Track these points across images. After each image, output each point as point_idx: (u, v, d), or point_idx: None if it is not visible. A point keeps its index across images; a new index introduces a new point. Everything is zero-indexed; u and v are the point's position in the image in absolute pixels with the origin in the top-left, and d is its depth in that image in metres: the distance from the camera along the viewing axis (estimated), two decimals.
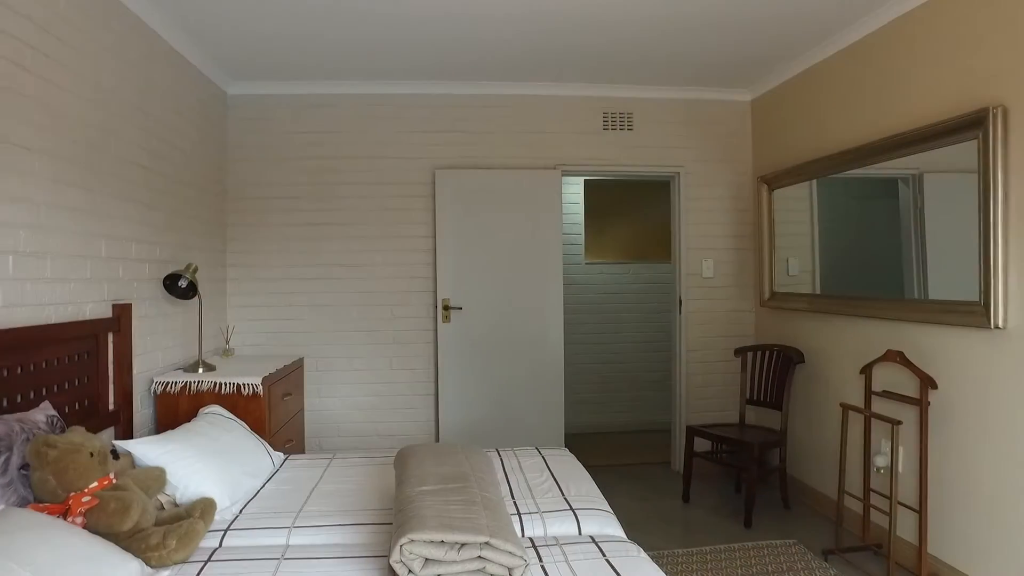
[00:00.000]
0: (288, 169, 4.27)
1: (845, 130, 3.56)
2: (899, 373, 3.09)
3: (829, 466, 3.68)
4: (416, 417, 4.36)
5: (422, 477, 2.05)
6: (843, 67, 3.58)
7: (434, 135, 4.36)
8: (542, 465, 2.67)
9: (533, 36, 3.51)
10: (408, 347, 4.35)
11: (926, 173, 3.00)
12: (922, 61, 3.00)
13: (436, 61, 3.89)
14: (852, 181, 3.54)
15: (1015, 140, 2.52)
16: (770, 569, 3.03)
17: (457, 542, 1.62)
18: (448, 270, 4.31)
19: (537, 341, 4.38)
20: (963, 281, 2.74)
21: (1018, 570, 2.52)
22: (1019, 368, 2.52)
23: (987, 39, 2.65)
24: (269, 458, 2.72)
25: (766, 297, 4.33)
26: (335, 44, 3.58)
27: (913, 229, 3.09)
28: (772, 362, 4.03)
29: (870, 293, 3.36)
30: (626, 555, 1.87)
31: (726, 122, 4.57)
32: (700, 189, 4.54)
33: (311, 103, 4.28)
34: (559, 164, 4.43)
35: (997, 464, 2.62)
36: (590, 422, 5.75)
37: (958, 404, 2.81)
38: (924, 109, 2.98)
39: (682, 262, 4.53)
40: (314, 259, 4.29)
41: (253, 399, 3.10)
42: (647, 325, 5.82)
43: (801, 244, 4.03)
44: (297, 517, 2.18)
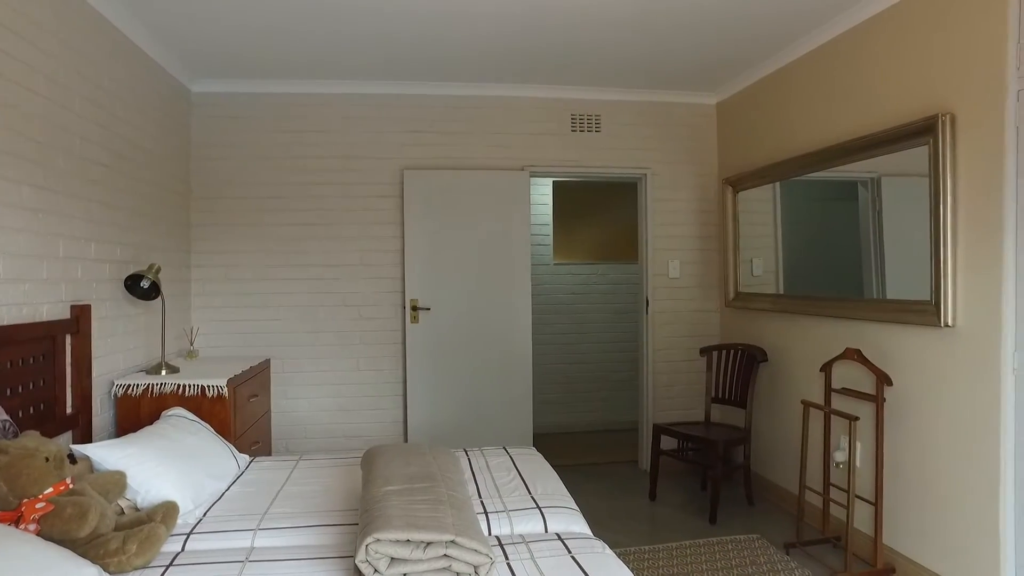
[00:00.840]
0: (255, 168, 4.22)
1: (807, 134, 3.64)
2: (857, 371, 3.18)
3: (791, 462, 3.77)
4: (384, 418, 4.34)
5: (388, 477, 2.05)
6: (805, 72, 3.67)
7: (403, 135, 4.35)
8: (509, 464, 2.69)
9: (502, 37, 3.53)
10: (376, 348, 4.33)
11: (884, 176, 3.09)
12: (879, 68, 3.10)
13: (406, 61, 3.89)
14: (814, 183, 3.63)
15: (963, 146, 2.62)
16: (733, 563, 3.09)
17: (423, 541, 1.63)
18: (416, 271, 4.30)
19: (505, 341, 4.39)
20: (917, 281, 2.84)
21: (967, 558, 2.62)
22: (967, 365, 2.62)
23: (937, 50, 2.75)
24: (234, 460, 2.69)
25: (731, 297, 4.41)
26: (302, 43, 3.56)
27: (871, 231, 3.19)
28: (736, 361, 4.11)
29: (831, 293, 3.45)
30: (591, 552, 1.90)
31: (692, 125, 4.65)
32: (666, 191, 4.61)
33: (279, 102, 4.24)
34: (527, 165, 4.46)
35: (947, 457, 2.72)
36: (558, 422, 5.79)
37: (912, 400, 2.90)
38: (881, 114, 3.07)
39: (649, 263, 4.59)
40: (281, 260, 4.25)
41: (218, 401, 3.06)
42: (614, 325, 5.88)
43: (765, 245, 4.12)
44: (262, 519, 2.16)
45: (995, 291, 2.50)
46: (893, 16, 3.00)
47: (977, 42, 2.56)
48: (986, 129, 2.52)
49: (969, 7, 2.60)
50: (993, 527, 2.51)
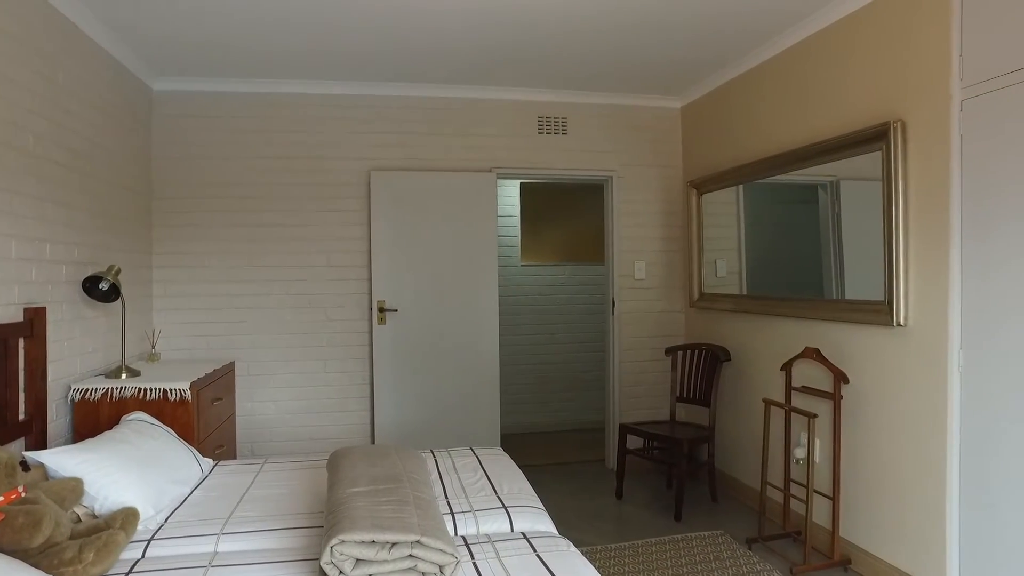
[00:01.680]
0: (218, 169, 4.16)
1: (768, 137, 3.73)
2: (816, 369, 3.27)
3: (753, 459, 3.85)
4: (351, 420, 4.32)
5: (354, 479, 2.04)
6: (765, 78, 3.75)
7: (370, 136, 4.33)
8: (476, 465, 2.70)
9: (470, 39, 3.54)
10: (343, 349, 4.30)
11: (842, 180, 3.18)
12: (835, 76, 3.19)
13: (373, 62, 3.87)
14: (776, 186, 3.71)
15: (913, 153, 2.72)
16: (698, 560, 3.14)
17: (388, 541, 1.63)
18: (384, 272, 4.28)
19: (473, 342, 4.40)
20: (872, 282, 2.93)
21: (916, 548, 2.71)
22: (918, 363, 2.72)
23: (889, 59, 2.85)
24: (197, 464, 2.65)
25: (695, 298, 4.49)
26: (266, 43, 3.52)
27: (831, 233, 3.28)
28: (700, 361, 4.18)
29: (792, 293, 3.54)
30: (556, 550, 1.92)
31: (657, 128, 4.72)
32: (632, 193, 4.67)
33: (243, 101, 4.18)
34: (495, 167, 4.47)
35: (899, 451, 2.81)
36: (526, 422, 5.82)
37: (867, 397, 2.99)
38: (838, 120, 3.16)
39: (615, 264, 4.64)
40: (246, 261, 4.19)
41: (181, 405, 3.01)
42: (581, 326, 5.94)
43: (728, 247, 4.20)
44: (226, 523, 2.13)
45: (943, 292, 2.60)
46: (848, 26, 3.09)
47: (925, 53, 2.66)
48: (934, 137, 2.62)
49: (917, 21, 2.69)
50: (940, 517, 2.60)
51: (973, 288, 2.49)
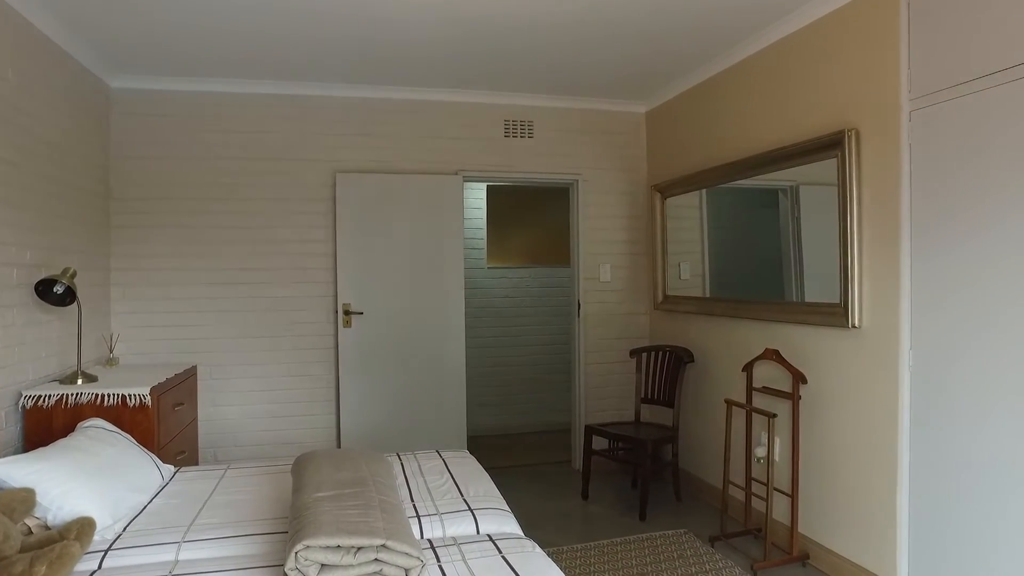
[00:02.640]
0: (180, 169, 4.08)
1: (731, 143, 3.81)
2: (776, 370, 3.35)
3: (716, 458, 3.93)
4: (316, 424, 4.28)
5: (319, 483, 2.03)
6: (728, 85, 3.84)
7: (336, 138, 4.30)
8: (442, 468, 2.70)
9: (437, 43, 3.54)
10: (308, 353, 4.26)
11: (802, 185, 3.27)
12: (795, 84, 3.28)
13: (340, 63, 3.85)
14: (738, 191, 3.80)
15: (866, 160, 2.81)
16: (662, 558, 3.20)
17: (353, 546, 1.63)
18: (349, 275, 4.26)
19: (439, 345, 4.40)
20: (829, 285, 3.02)
21: (869, 541, 2.80)
22: (871, 363, 2.81)
23: (844, 70, 2.94)
24: (157, 471, 2.60)
25: (659, 300, 4.56)
26: (230, 42, 3.47)
27: (791, 237, 3.36)
28: (664, 362, 4.25)
29: (754, 296, 3.62)
30: (521, 551, 1.94)
31: (622, 132, 4.78)
32: (598, 196, 4.72)
33: (205, 100, 4.11)
34: (461, 170, 4.48)
35: (854, 448, 2.90)
36: (493, 424, 5.83)
37: (824, 397, 3.08)
38: (797, 127, 3.25)
39: (580, 266, 4.69)
40: (209, 263, 4.12)
41: (140, 410, 2.95)
42: (548, 328, 5.97)
43: (692, 250, 4.28)
44: (187, 531, 2.10)
45: (894, 295, 2.69)
46: (806, 37, 3.18)
47: (877, 66, 2.76)
48: (885, 145, 2.72)
49: (870, 35, 2.79)
50: (891, 511, 2.70)
51: (921, 290, 2.58)
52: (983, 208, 2.33)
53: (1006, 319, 2.25)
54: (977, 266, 2.36)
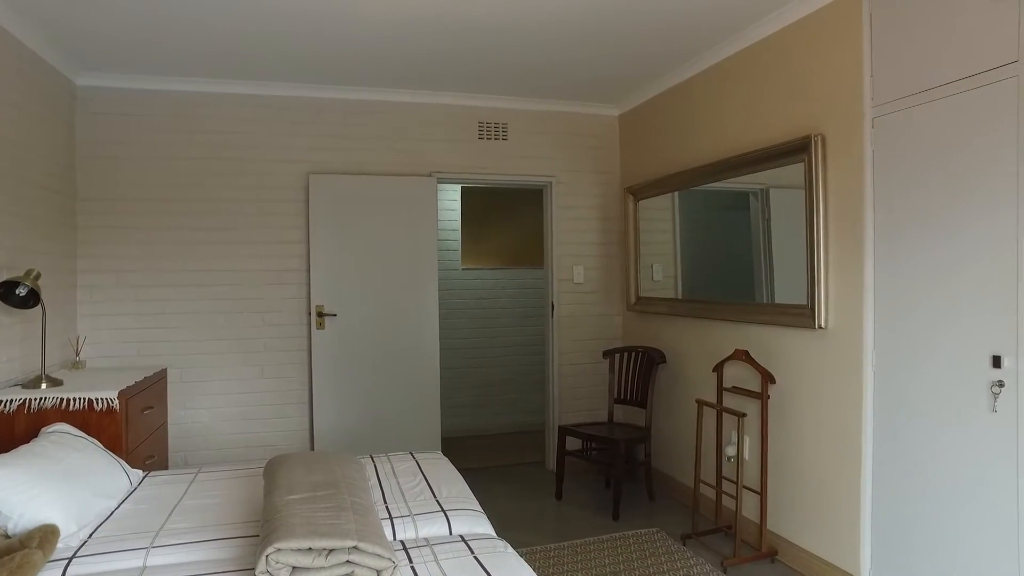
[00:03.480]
0: (149, 169, 4.02)
1: (702, 146, 3.87)
2: (746, 370, 3.41)
3: (688, 458, 3.98)
4: (289, 426, 4.25)
5: (291, 486, 2.03)
6: (699, 90, 3.89)
7: (309, 139, 4.27)
8: (415, 469, 2.70)
9: (411, 45, 3.54)
10: (281, 355, 4.23)
11: (772, 188, 3.33)
12: (764, 90, 3.34)
13: (312, 64, 3.83)
14: (710, 193, 3.85)
15: (832, 164, 2.88)
16: (634, 557, 3.23)
17: (325, 548, 1.63)
18: (322, 276, 4.23)
19: (413, 346, 4.40)
20: (797, 286, 3.08)
21: (834, 536, 2.87)
22: (837, 363, 2.88)
23: (810, 77, 3.01)
24: (125, 476, 2.56)
25: (632, 301, 4.61)
26: (201, 40, 3.43)
27: (761, 239, 3.43)
28: (637, 363, 4.29)
29: (724, 297, 3.68)
30: (494, 552, 1.95)
31: (596, 135, 4.83)
32: (571, 198, 4.76)
33: (176, 100, 4.05)
34: (435, 171, 4.48)
35: (820, 446, 2.97)
36: (467, 425, 5.83)
37: (792, 396, 3.15)
38: (766, 132, 3.31)
39: (554, 268, 4.72)
40: (179, 265, 4.07)
41: (108, 414, 2.90)
42: (522, 329, 6.00)
43: (664, 252, 4.33)
44: (156, 537, 2.07)
45: (858, 297, 2.76)
46: (773, 44, 3.25)
47: (842, 73, 2.83)
48: (850, 151, 2.79)
49: (834, 42, 2.86)
50: (855, 507, 2.77)
51: (884, 293, 2.66)
52: (942, 212, 2.40)
53: (965, 320, 2.33)
54: (937, 269, 2.43)
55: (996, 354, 2.20)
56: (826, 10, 2.90)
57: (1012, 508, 2.17)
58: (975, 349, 2.28)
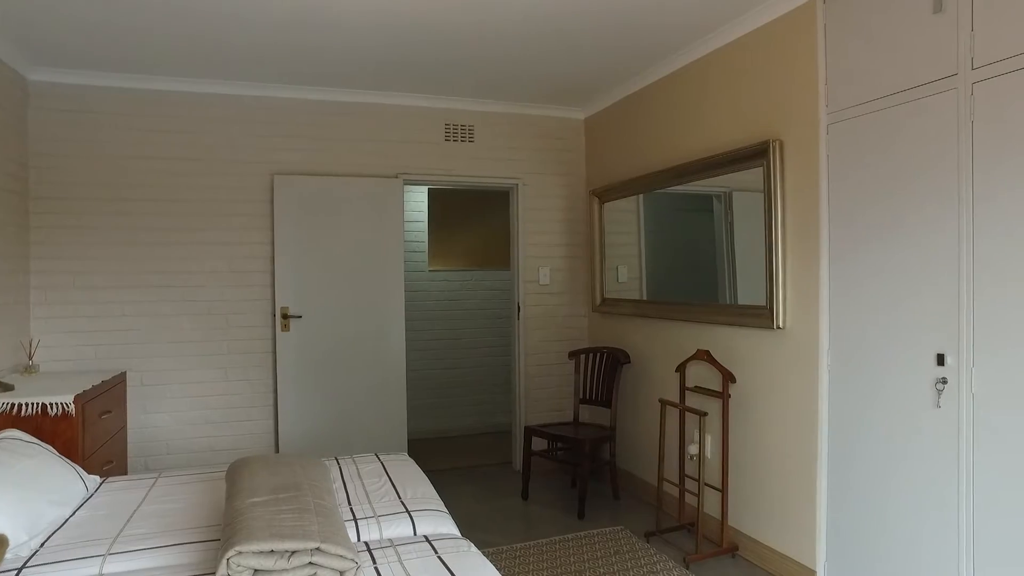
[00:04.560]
0: (109, 168, 3.94)
1: (666, 150, 3.94)
2: (708, 370, 3.48)
3: (652, 456, 4.04)
4: (253, 429, 4.19)
5: (253, 489, 2.01)
6: (663, 94, 3.96)
7: (274, 139, 4.23)
8: (381, 471, 2.70)
9: (378, 46, 3.53)
10: (245, 357, 4.18)
11: (735, 191, 3.40)
12: (725, 94, 3.42)
13: (278, 64, 3.79)
14: (674, 196, 3.92)
15: (790, 169, 2.96)
16: (599, 555, 3.27)
17: (287, 550, 1.63)
18: (287, 278, 4.19)
19: (379, 348, 4.38)
20: (758, 288, 3.16)
21: (792, 531, 2.95)
22: (795, 362, 2.96)
23: (769, 83, 3.09)
24: (81, 483, 2.50)
25: (598, 303, 4.66)
26: (161, 37, 3.37)
27: (724, 241, 3.50)
28: (602, 363, 4.34)
29: (688, 298, 3.75)
30: (457, 551, 1.96)
31: (561, 138, 4.87)
32: (537, 200, 4.80)
33: (136, 98, 3.98)
34: (401, 173, 4.48)
35: (778, 443, 3.05)
36: (434, 427, 5.83)
37: (752, 395, 3.22)
38: (727, 136, 3.39)
39: (520, 270, 4.75)
40: (140, 266, 3.99)
41: (63, 420, 2.84)
42: (489, 331, 6.01)
43: (629, 254, 4.39)
44: (113, 543, 2.04)
45: (814, 297, 2.84)
46: (735, 50, 3.33)
47: (798, 81, 2.91)
48: (806, 156, 2.87)
49: (791, 51, 2.95)
50: (812, 503, 2.85)
51: (838, 294, 2.74)
52: (889, 216, 2.50)
53: (911, 319, 2.42)
54: (885, 270, 2.52)
55: (940, 352, 2.30)
56: (784, 20, 2.99)
57: (953, 499, 2.27)
58: (921, 348, 2.37)
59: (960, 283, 2.23)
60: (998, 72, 2.11)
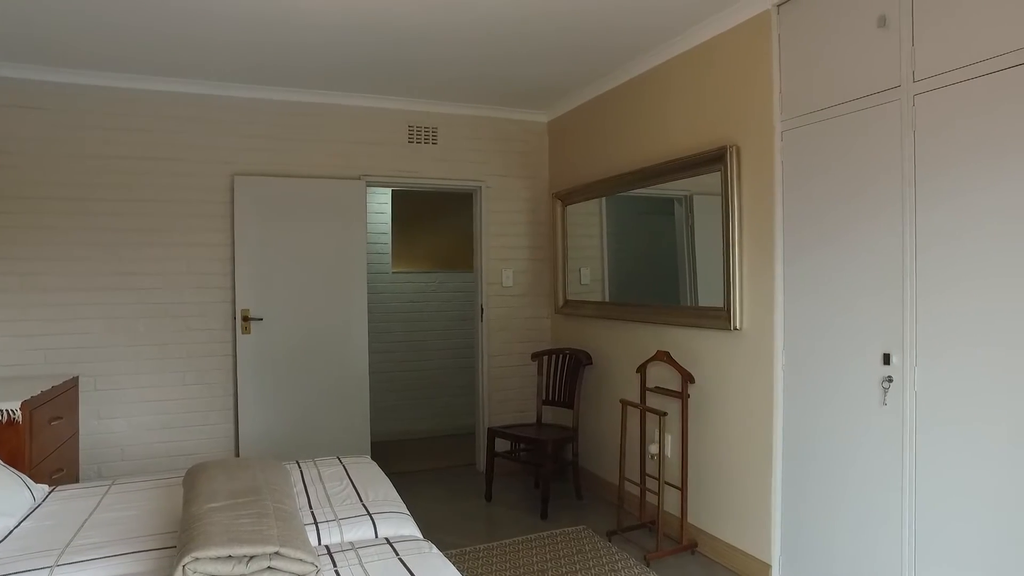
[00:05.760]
0: (60, 167, 3.82)
1: (627, 154, 3.99)
2: (667, 371, 3.54)
3: (613, 456, 4.09)
4: (213, 433, 4.12)
5: (211, 494, 1.99)
6: (625, 98, 4.02)
7: (234, 139, 4.17)
8: (342, 474, 2.69)
9: (342, 47, 3.51)
10: (204, 360, 4.10)
11: (696, 195, 3.46)
12: (685, 100, 3.49)
13: (237, 63, 3.73)
14: (636, 199, 3.97)
15: (746, 173, 3.04)
16: (561, 554, 3.30)
17: (245, 555, 1.61)
18: (248, 280, 4.13)
19: (342, 350, 4.35)
20: (717, 289, 3.23)
21: (748, 526, 3.03)
22: (751, 363, 3.04)
23: (727, 89, 3.17)
24: (28, 492, 2.43)
25: (560, 305, 4.71)
26: (114, 32, 3.29)
27: (685, 243, 3.56)
28: (565, 365, 4.39)
29: (650, 300, 3.80)
30: (418, 552, 1.97)
31: (524, 140, 4.90)
32: (500, 203, 4.82)
33: (91, 94, 3.87)
34: (364, 174, 4.46)
35: (736, 441, 3.12)
36: (398, 429, 5.80)
37: (710, 395, 3.29)
38: (687, 141, 3.46)
39: (484, 272, 4.76)
40: (93, 268, 3.88)
41: (9, 427, 2.76)
42: (452, 332, 6.01)
43: (592, 256, 4.44)
44: (63, 553, 1.98)
45: (769, 299, 2.92)
46: (694, 57, 3.40)
47: (754, 88, 2.99)
48: (762, 161, 2.95)
49: (747, 59, 3.03)
50: (766, 500, 2.93)
51: (791, 295, 2.83)
52: (839, 220, 2.58)
53: (859, 320, 2.50)
54: (835, 273, 2.61)
55: (886, 352, 2.39)
56: (741, 28, 3.06)
57: (897, 492, 2.36)
58: (868, 347, 2.46)
59: (904, 286, 2.33)
60: (937, 85, 2.21)
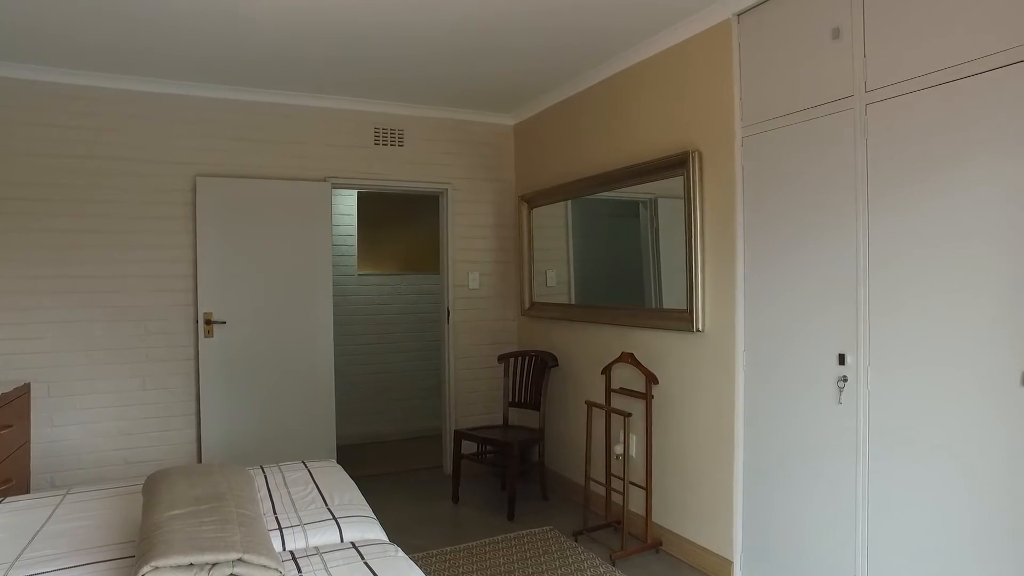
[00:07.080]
0: (12, 166, 3.71)
1: (592, 157, 4.04)
2: (632, 372, 3.60)
3: (579, 457, 4.13)
4: (174, 440, 4.04)
5: (172, 501, 1.95)
6: (590, 103, 4.07)
7: (196, 140, 4.10)
8: (307, 478, 2.67)
9: (307, 48, 3.48)
10: (165, 365, 4.02)
11: (660, 198, 3.52)
12: (648, 105, 3.55)
13: (201, 62, 3.67)
14: (602, 202, 4.02)
15: (708, 178, 3.11)
16: (528, 555, 3.33)
17: (208, 562, 1.60)
18: (211, 282, 4.07)
19: (307, 353, 4.31)
20: (680, 292, 3.29)
21: (710, 524, 3.09)
22: (712, 364, 3.10)
23: (689, 96, 3.23)
24: None
25: (526, 307, 4.73)
26: (73, 29, 3.21)
27: (650, 246, 3.62)
28: (531, 366, 4.41)
29: (615, 302, 3.85)
30: (384, 556, 1.97)
31: (491, 143, 4.92)
32: (467, 205, 4.83)
33: (45, 91, 3.76)
34: (329, 176, 4.42)
35: (699, 441, 3.19)
36: (365, 432, 5.76)
37: (673, 396, 3.35)
38: (651, 145, 3.51)
39: (450, 274, 4.77)
40: (47, 270, 3.77)
41: None
42: (419, 335, 5.99)
43: (558, 258, 4.48)
44: (11, 568, 1.91)
45: (731, 301, 2.99)
46: (657, 64, 3.46)
47: (716, 95, 3.06)
48: (723, 166, 3.02)
49: (709, 67, 3.09)
50: (728, 498, 2.99)
51: (751, 297, 2.90)
52: (796, 223, 2.66)
53: (815, 321, 2.58)
54: (792, 275, 2.68)
55: (841, 352, 2.47)
56: (702, 36, 3.13)
57: (851, 489, 2.44)
58: (824, 348, 2.54)
59: (858, 285, 2.41)
60: (888, 95, 2.29)
